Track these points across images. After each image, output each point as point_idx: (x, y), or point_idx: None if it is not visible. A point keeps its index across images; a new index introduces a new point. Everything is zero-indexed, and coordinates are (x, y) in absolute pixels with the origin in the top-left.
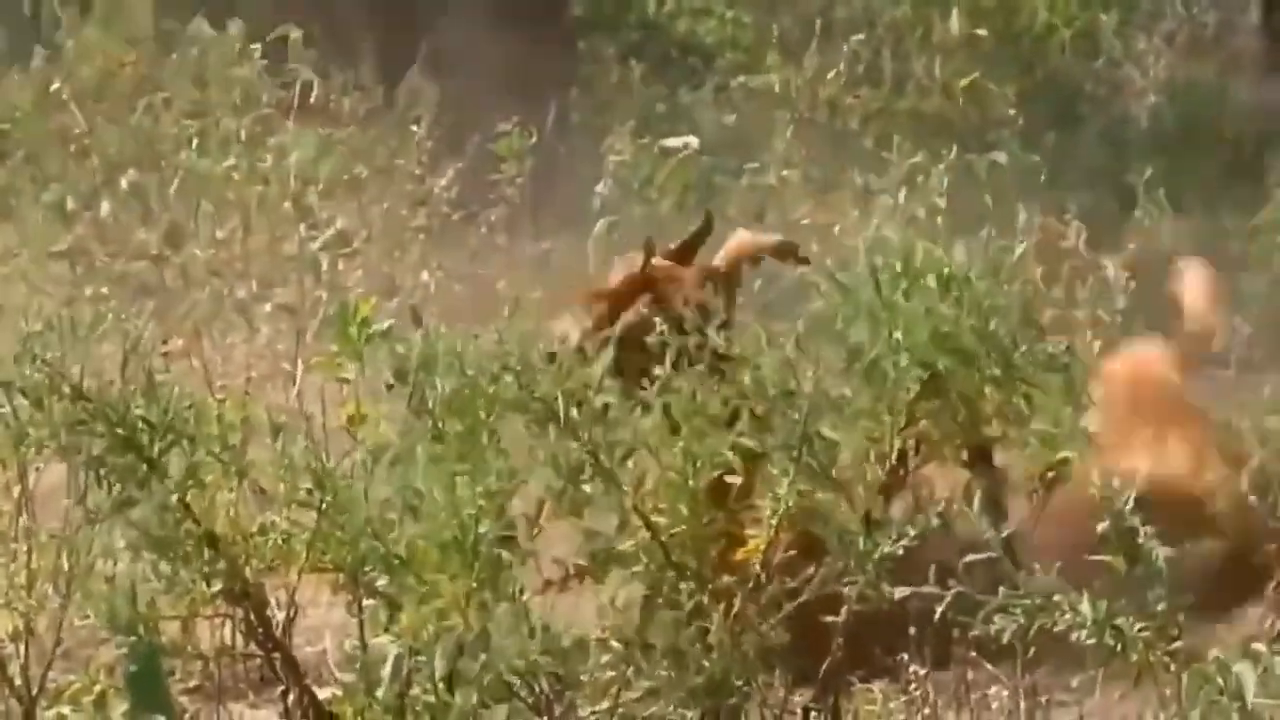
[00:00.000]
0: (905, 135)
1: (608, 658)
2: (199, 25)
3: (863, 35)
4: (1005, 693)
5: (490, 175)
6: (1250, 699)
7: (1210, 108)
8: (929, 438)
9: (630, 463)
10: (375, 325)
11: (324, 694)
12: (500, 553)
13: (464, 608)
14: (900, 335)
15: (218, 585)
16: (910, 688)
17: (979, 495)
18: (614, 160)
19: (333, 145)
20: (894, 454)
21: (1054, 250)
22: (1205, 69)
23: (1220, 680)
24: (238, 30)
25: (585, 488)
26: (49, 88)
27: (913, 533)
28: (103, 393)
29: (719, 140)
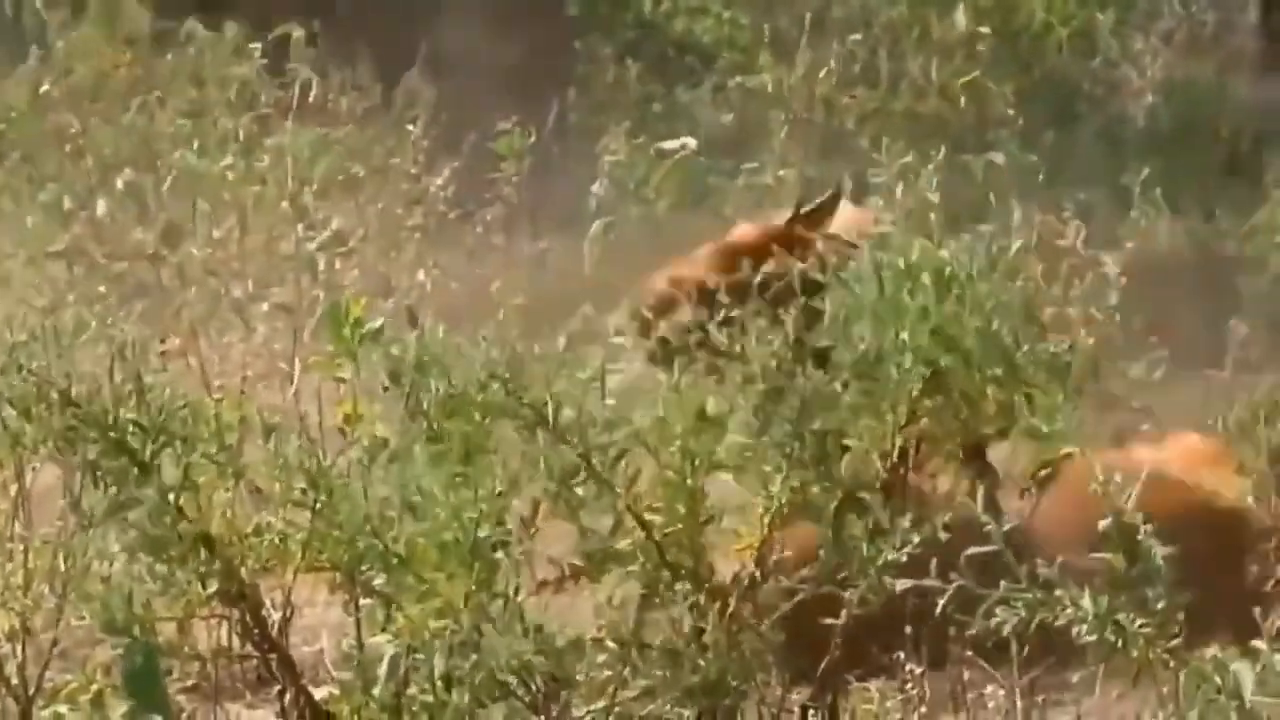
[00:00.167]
0: (902, 135)
1: (604, 657)
2: (195, 24)
3: (859, 35)
4: (1002, 692)
5: (487, 175)
6: (1248, 697)
7: (1208, 107)
8: (930, 435)
9: (624, 463)
10: (368, 325)
11: (320, 693)
12: (498, 554)
13: (462, 607)
14: (906, 335)
15: (214, 586)
16: (907, 687)
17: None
18: (610, 160)
19: (330, 145)
20: (895, 452)
21: (1052, 248)
22: (1203, 68)
23: (1218, 678)
24: (235, 30)
25: (579, 490)
26: (43, 88)
27: (916, 539)
28: (92, 398)
29: (716, 140)
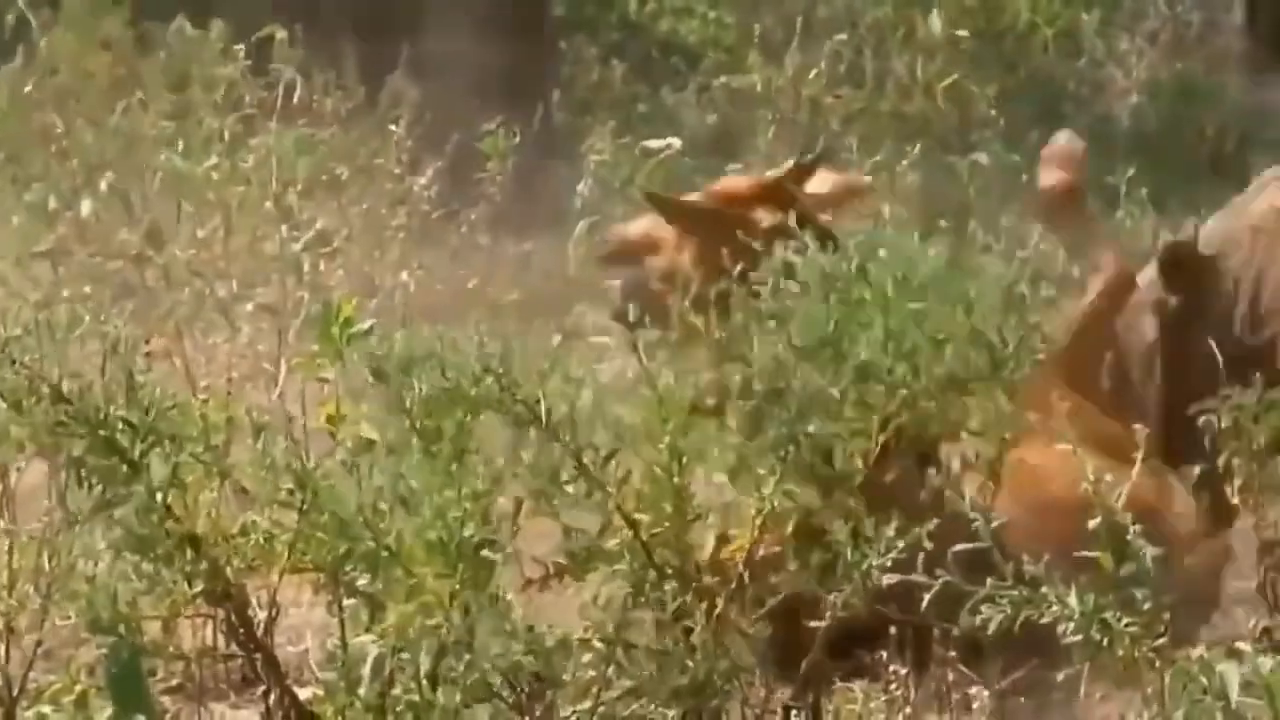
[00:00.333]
0: (887, 135)
1: (588, 657)
2: (181, 24)
3: (845, 35)
4: (986, 692)
5: (472, 175)
6: (1234, 698)
7: (1193, 107)
8: (906, 435)
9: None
10: (357, 325)
11: (305, 694)
12: (484, 553)
13: (448, 607)
14: (887, 333)
15: (199, 586)
16: (890, 687)
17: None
18: (595, 160)
19: (314, 145)
20: (877, 451)
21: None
22: (1189, 68)
23: (1204, 680)
24: (220, 30)
25: (568, 489)
26: (26, 88)
27: (901, 545)
28: (83, 394)
29: (701, 140)
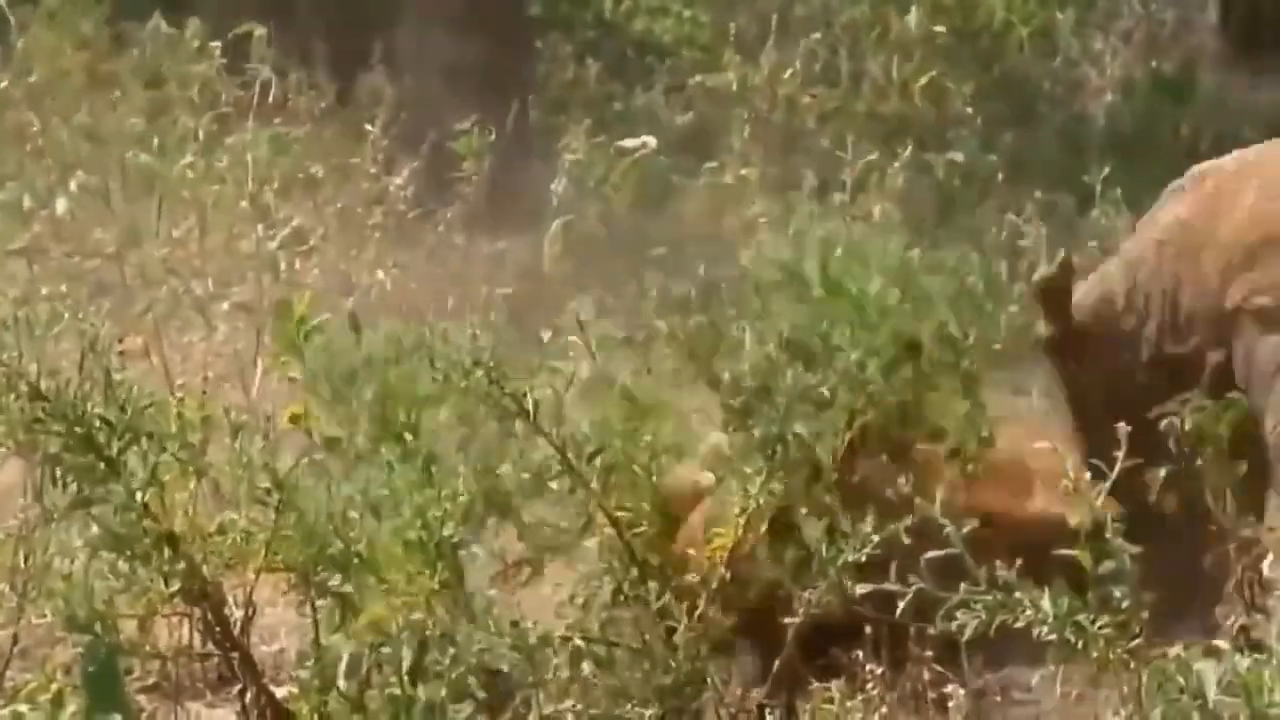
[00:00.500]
0: (862, 134)
1: (560, 659)
2: (156, 23)
3: (820, 34)
4: (962, 692)
5: (447, 174)
6: (1211, 697)
7: (1168, 106)
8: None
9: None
10: (313, 321)
11: (281, 692)
12: (463, 551)
13: (428, 604)
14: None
15: (176, 585)
16: (867, 687)
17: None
18: (570, 159)
19: (289, 144)
20: (843, 447)
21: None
22: (1163, 67)
23: (1181, 679)
24: (196, 28)
25: (552, 484)
26: (1, 85)
27: (876, 539)
28: (60, 392)
29: (677, 139)
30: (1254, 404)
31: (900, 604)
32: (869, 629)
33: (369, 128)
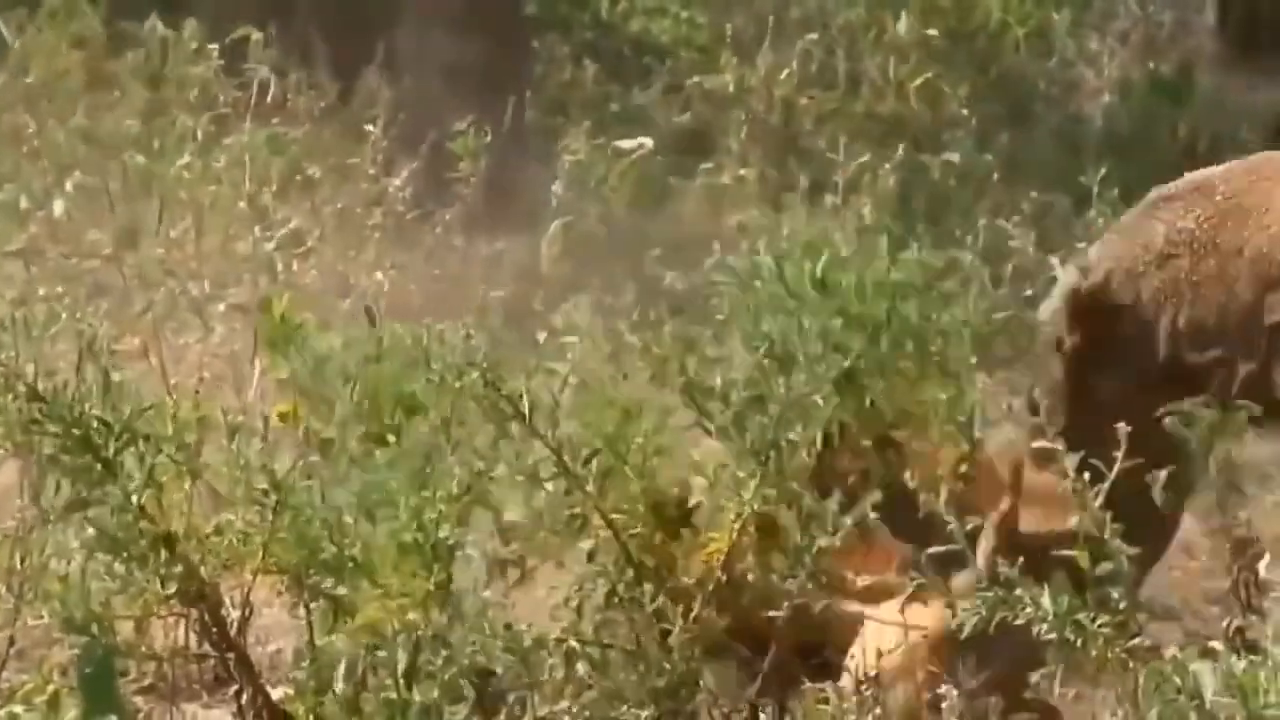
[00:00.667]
0: (859, 135)
1: (554, 661)
2: (155, 22)
3: (816, 35)
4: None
5: (446, 174)
6: (1208, 698)
7: (1165, 107)
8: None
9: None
10: (297, 320)
11: (277, 694)
12: (459, 552)
13: (424, 605)
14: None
15: (173, 586)
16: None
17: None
18: (569, 159)
19: (288, 144)
20: (819, 442)
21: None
22: (1160, 68)
23: (1178, 680)
24: (194, 29)
25: (548, 486)
26: None
27: (849, 522)
28: (58, 393)
29: (674, 140)
30: None
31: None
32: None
33: (368, 128)
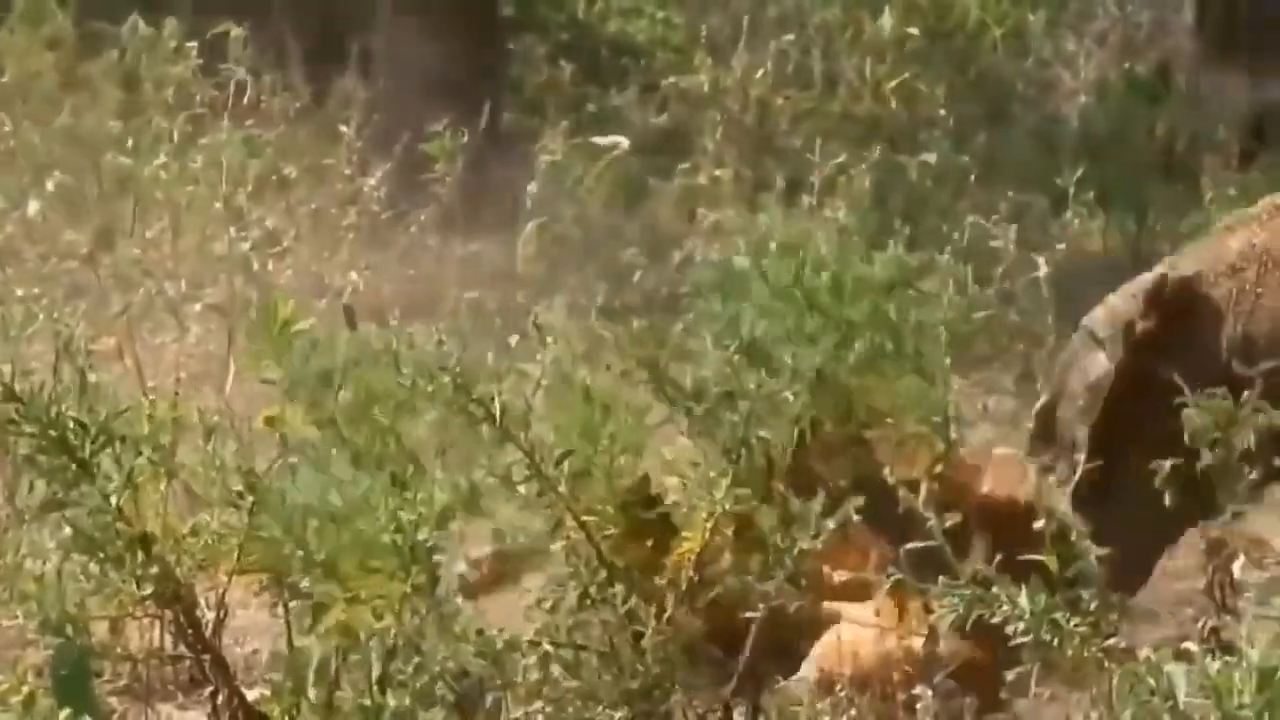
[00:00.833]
0: (836, 135)
1: (532, 660)
2: (136, 20)
3: (793, 35)
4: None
5: (421, 175)
6: (1181, 699)
7: (1142, 107)
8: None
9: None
10: (297, 325)
11: (253, 695)
12: (435, 557)
13: (397, 610)
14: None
15: (148, 587)
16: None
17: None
18: (545, 160)
19: (263, 145)
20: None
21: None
22: (1138, 68)
23: (1152, 681)
24: (173, 29)
25: (520, 489)
26: None
27: (832, 525)
28: (34, 393)
29: (651, 140)
30: None
31: None
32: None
33: (343, 129)
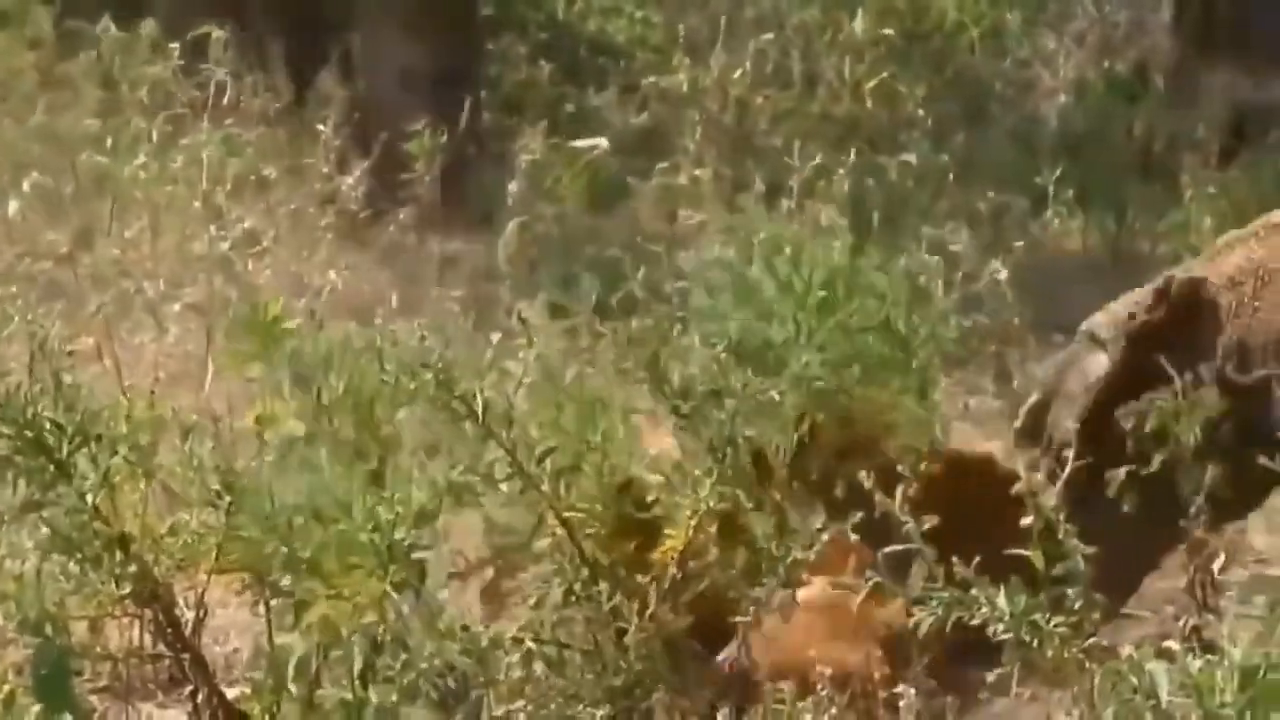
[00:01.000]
0: (814, 136)
1: (516, 657)
2: (108, 23)
3: (772, 35)
4: (913, 691)
5: (400, 175)
6: (1164, 698)
7: (1121, 106)
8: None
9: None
10: (285, 323)
11: (233, 693)
12: (416, 554)
13: (380, 606)
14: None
15: (127, 586)
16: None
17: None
18: (524, 160)
19: (242, 145)
20: (794, 446)
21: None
22: (1116, 68)
23: (1133, 679)
24: (152, 29)
25: (502, 486)
26: None
27: (826, 537)
28: (10, 394)
29: (630, 140)
30: None
31: None
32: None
33: (322, 129)
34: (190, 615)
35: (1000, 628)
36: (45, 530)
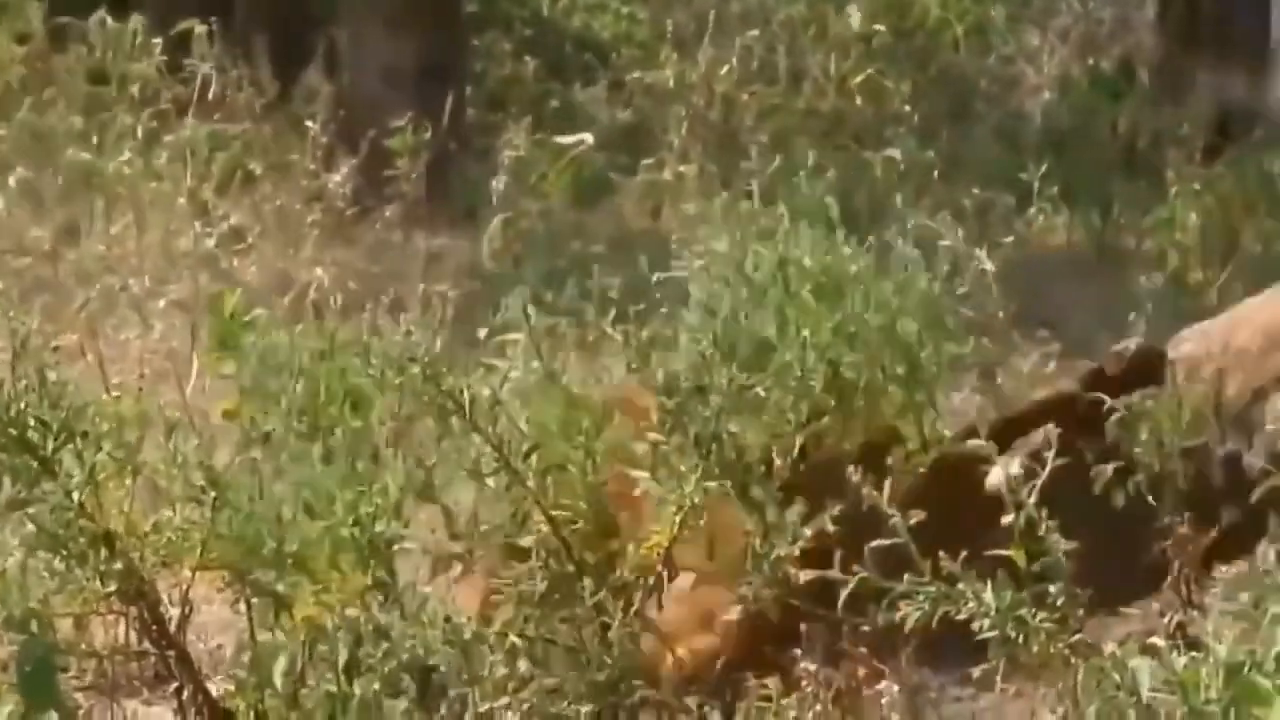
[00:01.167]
0: (800, 132)
1: (494, 656)
2: (103, 18)
3: (758, 31)
4: (896, 688)
5: (385, 171)
6: (1145, 694)
7: (1105, 103)
8: (828, 433)
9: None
10: (246, 317)
11: (218, 690)
12: (396, 548)
13: (362, 600)
14: (807, 332)
15: (112, 583)
16: (802, 684)
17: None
18: (509, 156)
19: (228, 141)
20: (796, 449)
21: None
22: (1101, 65)
23: (1117, 676)
24: (137, 25)
25: (489, 481)
26: None
27: (809, 534)
28: None
29: (616, 136)
30: None
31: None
32: (804, 625)
33: (308, 124)
34: (175, 612)
35: (986, 623)
36: (30, 527)
